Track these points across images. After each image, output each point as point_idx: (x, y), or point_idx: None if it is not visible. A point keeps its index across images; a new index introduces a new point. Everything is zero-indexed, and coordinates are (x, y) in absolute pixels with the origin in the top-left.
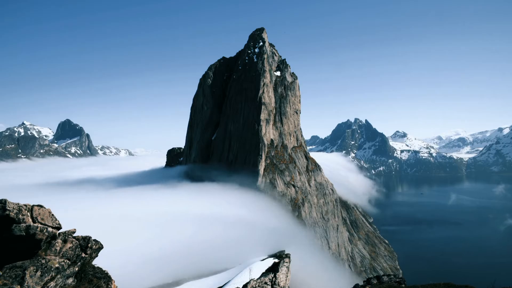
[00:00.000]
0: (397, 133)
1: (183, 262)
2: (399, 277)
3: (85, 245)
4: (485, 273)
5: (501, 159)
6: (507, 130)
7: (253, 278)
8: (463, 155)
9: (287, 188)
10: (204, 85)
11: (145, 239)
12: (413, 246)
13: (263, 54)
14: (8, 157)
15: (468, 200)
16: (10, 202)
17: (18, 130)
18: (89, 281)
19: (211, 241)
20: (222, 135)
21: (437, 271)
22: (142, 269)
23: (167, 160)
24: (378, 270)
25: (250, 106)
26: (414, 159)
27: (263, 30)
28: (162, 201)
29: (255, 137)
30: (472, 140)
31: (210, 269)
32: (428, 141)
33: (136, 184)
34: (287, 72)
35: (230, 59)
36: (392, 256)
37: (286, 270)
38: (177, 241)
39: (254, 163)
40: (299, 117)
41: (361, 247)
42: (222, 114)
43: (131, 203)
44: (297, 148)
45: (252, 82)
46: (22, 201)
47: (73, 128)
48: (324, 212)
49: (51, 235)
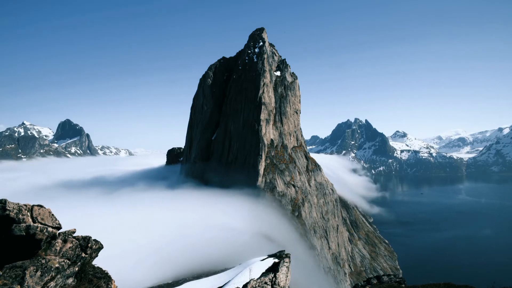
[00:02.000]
0: (397, 133)
1: (183, 262)
2: (399, 277)
3: (85, 245)
4: (485, 273)
5: (501, 159)
6: (507, 130)
7: (253, 278)
8: (463, 155)
9: (287, 188)
10: (204, 85)
11: (145, 240)
12: (413, 246)
13: (263, 54)
14: (8, 157)
15: (468, 200)
16: (10, 202)
17: (18, 130)
18: (89, 281)
19: (211, 241)
20: (222, 135)
21: (437, 271)
22: (142, 269)
23: (167, 160)
24: (378, 270)
25: (250, 106)
26: (414, 159)
27: (263, 30)
28: (162, 202)
29: (255, 137)
30: (472, 140)
31: (210, 269)
32: (428, 141)
33: (136, 185)
34: (287, 72)
35: (230, 59)
36: (392, 256)
37: (286, 270)
38: (177, 241)
39: (254, 163)
40: (299, 117)
41: (361, 247)
42: (222, 114)
43: (131, 204)
44: (297, 148)
45: (252, 82)
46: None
47: (73, 128)
48: (324, 212)
49: (51, 235)
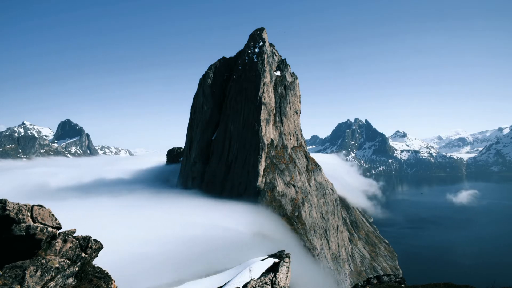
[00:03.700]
0: (397, 133)
1: (183, 262)
2: (399, 277)
3: (85, 245)
4: (485, 273)
5: (501, 159)
6: (507, 130)
7: (253, 278)
8: (463, 155)
9: (287, 188)
10: (204, 85)
11: (145, 240)
12: (413, 246)
13: (263, 54)
14: (8, 157)
15: (468, 200)
16: (10, 202)
17: (18, 130)
18: (89, 281)
19: (211, 241)
20: (222, 135)
21: (437, 271)
22: (142, 269)
23: (167, 160)
24: (378, 270)
25: (250, 106)
26: (414, 159)
27: (263, 30)
28: (162, 202)
29: (255, 137)
30: (472, 140)
31: (210, 269)
32: (428, 141)
33: (136, 185)
34: (287, 72)
35: (230, 59)
36: (392, 256)
37: (286, 270)
38: (177, 241)
39: (254, 163)
40: (299, 117)
41: (361, 247)
42: (222, 114)
43: (131, 204)
44: (297, 148)
45: (252, 82)
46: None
47: (73, 128)
48: (324, 212)
49: (51, 235)
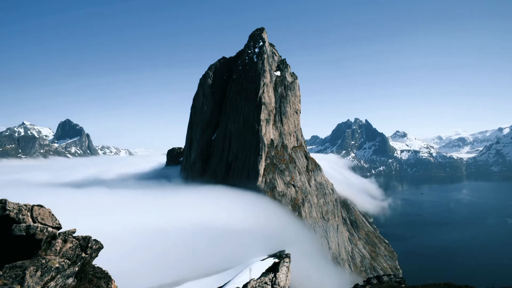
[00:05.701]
0: (397, 133)
1: (183, 262)
2: (399, 277)
3: (85, 245)
4: (485, 273)
5: (501, 159)
6: (507, 130)
7: (253, 278)
8: (463, 155)
9: (287, 188)
10: (204, 85)
11: (145, 240)
12: (413, 246)
13: (263, 54)
14: (8, 157)
15: (468, 200)
16: (10, 202)
17: (18, 130)
18: (89, 281)
19: (211, 241)
20: (222, 135)
21: (437, 271)
22: (142, 269)
23: (167, 160)
24: (378, 270)
25: (250, 106)
26: (414, 159)
27: (263, 30)
28: (162, 203)
29: (255, 137)
30: (472, 140)
31: (210, 269)
32: (428, 141)
33: (135, 185)
34: (287, 72)
35: (230, 59)
36: (392, 256)
37: (286, 270)
38: (177, 241)
39: (254, 163)
40: (299, 117)
41: (361, 247)
42: (222, 114)
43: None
44: (297, 148)
45: (252, 82)
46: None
47: (73, 128)
48: (324, 212)
49: (51, 235)
